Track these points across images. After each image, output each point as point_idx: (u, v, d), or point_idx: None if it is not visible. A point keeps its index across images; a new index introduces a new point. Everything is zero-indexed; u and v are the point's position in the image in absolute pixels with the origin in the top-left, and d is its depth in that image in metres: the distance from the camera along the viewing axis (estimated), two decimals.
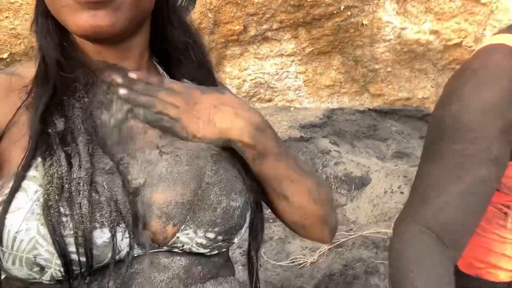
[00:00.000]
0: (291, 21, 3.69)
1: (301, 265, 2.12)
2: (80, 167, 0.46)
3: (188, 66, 0.64)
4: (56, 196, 0.44)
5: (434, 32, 3.99)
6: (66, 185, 0.45)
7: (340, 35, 3.80)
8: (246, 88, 4.05)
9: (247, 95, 4.09)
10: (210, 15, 3.59)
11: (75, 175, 0.46)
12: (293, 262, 2.15)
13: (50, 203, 0.44)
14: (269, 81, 4.05)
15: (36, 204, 0.44)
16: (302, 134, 3.20)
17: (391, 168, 3.00)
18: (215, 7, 3.54)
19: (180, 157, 0.53)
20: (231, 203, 0.54)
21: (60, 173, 0.45)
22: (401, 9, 3.94)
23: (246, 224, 0.58)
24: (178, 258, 0.53)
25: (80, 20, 0.48)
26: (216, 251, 0.56)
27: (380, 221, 2.51)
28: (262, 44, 3.90)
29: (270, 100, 4.16)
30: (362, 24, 3.76)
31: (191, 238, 0.51)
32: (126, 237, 0.48)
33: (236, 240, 0.57)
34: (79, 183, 0.45)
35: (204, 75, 0.65)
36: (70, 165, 0.46)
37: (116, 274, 0.48)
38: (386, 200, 2.69)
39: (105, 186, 0.47)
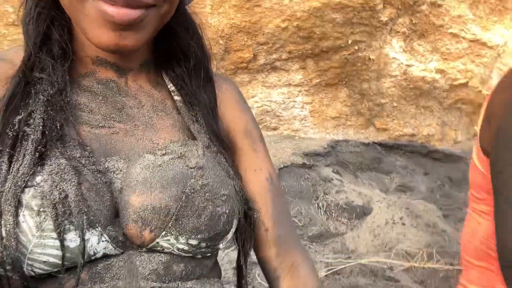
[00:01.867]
0: (300, 52, 3.79)
1: None
2: (17, 174, 0.43)
3: (187, 66, 0.63)
4: None
5: (440, 71, 4.06)
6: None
7: (347, 68, 3.88)
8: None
9: None
10: (221, 42, 3.70)
11: (7, 185, 0.43)
12: None
13: None
14: (276, 109, 4.10)
15: None
16: (305, 161, 3.19)
17: (393, 200, 2.95)
18: (226, 34, 3.66)
19: (163, 161, 0.51)
20: (216, 209, 0.51)
21: None
22: (407, 47, 4.04)
23: (233, 229, 0.55)
24: (158, 254, 0.50)
25: (105, 37, 0.47)
26: (200, 256, 0.53)
27: (380, 251, 2.44)
28: (270, 73, 3.99)
29: (275, 129, 4.19)
30: (369, 59, 3.84)
31: (172, 244, 0.50)
32: (103, 241, 0.46)
33: (221, 246, 0.55)
34: (7, 198, 0.42)
35: (201, 75, 0.63)
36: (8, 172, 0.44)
37: (90, 268, 0.47)
38: (387, 230, 2.63)
39: (64, 189, 0.44)
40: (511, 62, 4.27)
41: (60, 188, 0.44)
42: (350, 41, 3.69)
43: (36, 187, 0.43)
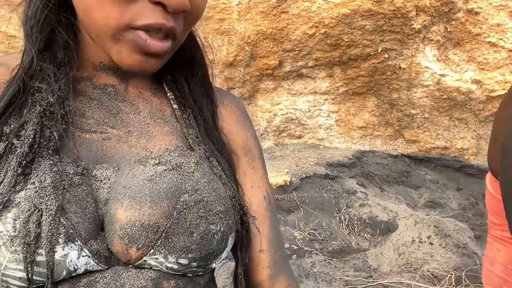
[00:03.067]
0: (327, 60, 3.69)
1: None
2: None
3: (187, 75, 0.60)
4: None
5: (476, 82, 3.85)
6: None
7: (376, 77, 3.74)
8: (277, 122, 4.03)
9: (277, 130, 4.06)
10: (247, 48, 3.67)
11: None
12: None
13: None
14: (301, 117, 4.01)
15: None
16: (329, 172, 3.09)
17: (421, 217, 2.79)
18: (252, 41, 3.63)
19: (156, 172, 0.48)
20: (210, 227, 0.47)
21: None
22: (442, 56, 3.86)
23: (228, 248, 0.51)
24: (147, 270, 0.47)
25: (132, 59, 0.48)
26: (191, 275, 0.49)
27: (404, 271, 2.30)
28: (296, 81, 3.91)
29: (300, 137, 4.10)
30: (400, 68, 3.69)
31: (160, 262, 0.46)
32: (84, 256, 0.43)
33: (214, 265, 0.51)
34: None
35: (201, 84, 0.61)
36: None
37: (72, 284, 0.44)
38: (413, 249, 2.48)
39: (47, 203, 0.42)
40: None
41: (38, 204, 0.41)
42: (379, 49, 3.56)
43: (14, 204, 0.41)
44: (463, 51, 3.86)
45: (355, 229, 2.68)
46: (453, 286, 2.07)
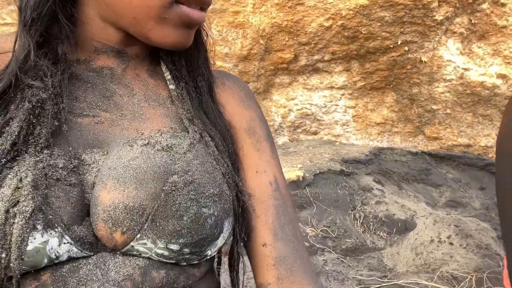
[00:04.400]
0: (344, 53, 3.59)
1: None
2: None
3: (185, 55, 0.58)
4: None
5: (502, 76, 3.67)
6: None
7: (395, 71, 3.61)
8: (292, 118, 3.94)
9: (292, 125, 3.98)
10: (261, 41, 3.60)
11: None
12: None
13: None
14: (316, 113, 3.92)
15: None
16: (344, 168, 3.00)
17: (441, 216, 2.66)
18: (267, 34, 3.55)
19: (142, 152, 0.46)
20: (202, 210, 0.45)
21: None
22: (465, 49, 3.69)
23: (225, 234, 0.48)
24: (135, 257, 0.44)
25: (176, 36, 0.49)
26: (184, 263, 0.47)
27: (421, 272, 2.19)
28: (312, 75, 3.82)
29: (315, 133, 4.01)
30: (421, 61, 3.55)
31: (149, 248, 0.44)
32: (65, 243, 0.41)
33: (209, 252, 0.47)
34: None
35: (199, 65, 0.59)
36: None
37: (54, 270, 0.42)
38: (432, 249, 2.36)
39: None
40: None
41: (12, 206, 0.40)
42: (399, 42, 3.43)
43: None
44: (488, 44, 3.69)
45: (371, 227, 2.58)
46: None
